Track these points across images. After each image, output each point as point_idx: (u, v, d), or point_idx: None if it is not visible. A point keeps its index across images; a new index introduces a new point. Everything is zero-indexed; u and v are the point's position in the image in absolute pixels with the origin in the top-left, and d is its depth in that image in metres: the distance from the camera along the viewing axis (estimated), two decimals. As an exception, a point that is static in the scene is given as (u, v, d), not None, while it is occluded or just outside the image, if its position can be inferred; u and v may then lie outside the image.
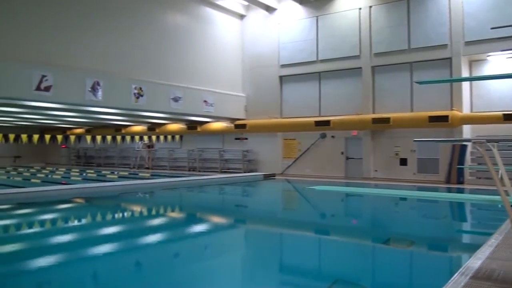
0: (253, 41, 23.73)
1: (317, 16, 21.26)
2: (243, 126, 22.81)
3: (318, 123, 20.19)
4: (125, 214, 11.92)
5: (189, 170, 24.75)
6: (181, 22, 21.05)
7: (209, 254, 7.06)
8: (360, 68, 19.91)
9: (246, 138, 23.66)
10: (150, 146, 27.40)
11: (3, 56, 14.30)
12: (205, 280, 5.59)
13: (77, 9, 16.79)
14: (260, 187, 18.64)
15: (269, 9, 22.83)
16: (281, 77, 22.67)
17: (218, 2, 22.42)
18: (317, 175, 20.37)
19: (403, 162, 18.97)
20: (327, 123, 19.89)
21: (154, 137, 25.99)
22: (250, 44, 23.87)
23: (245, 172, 22.22)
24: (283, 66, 22.43)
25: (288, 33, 22.27)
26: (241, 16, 24.09)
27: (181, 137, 26.15)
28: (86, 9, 17.08)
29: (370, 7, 19.64)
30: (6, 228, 9.31)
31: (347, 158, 20.42)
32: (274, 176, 20.57)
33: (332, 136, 20.74)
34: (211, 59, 22.20)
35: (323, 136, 20.87)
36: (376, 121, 18.72)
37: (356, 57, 20.00)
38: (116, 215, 11.39)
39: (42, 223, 10.30)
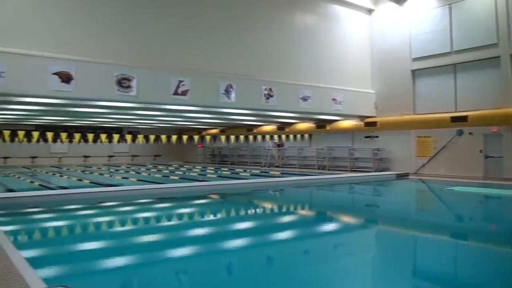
0: (382, 35, 23.05)
1: (450, 4, 19.98)
2: (374, 124, 22.28)
3: (454, 119, 18.98)
4: (257, 210, 12.29)
5: (318, 169, 24.77)
6: (309, 21, 21.18)
7: (339, 253, 7.02)
8: (499, 57, 18.35)
9: (377, 136, 23.06)
10: (280, 145, 27.91)
11: (146, 65, 15.56)
12: (334, 280, 5.56)
13: (210, 18, 17.70)
14: (393, 187, 18.01)
15: (399, 0, 22.01)
16: (413, 71, 21.73)
17: (346, -1, 22.21)
18: (453, 175, 19.08)
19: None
20: (464, 118, 18.60)
21: (284, 136, 26.45)
22: (379, 38, 23.22)
23: (376, 171, 21.68)
24: (415, 59, 21.44)
25: (419, 24, 21.23)
26: (369, 11, 23.55)
27: (310, 135, 26.27)
28: (218, 17, 17.95)
29: (507, -12, 17.97)
30: (147, 220, 10.10)
31: (486, 157, 18.87)
32: (407, 176, 19.72)
33: (470, 133, 19.32)
34: (339, 56, 22.02)
35: (460, 133, 19.55)
36: (518, 115, 17.11)
37: (494, 45, 18.39)
38: (248, 211, 11.79)
39: (180, 216, 11.02)
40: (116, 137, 21.19)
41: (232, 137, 24.60)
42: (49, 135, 18.40)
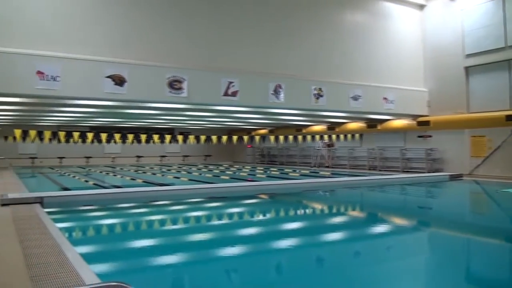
0: (434, 31, 22.34)
1: (504, -4, 19.14)
2: (427, 123, 21.67)
3: (509, 118, 18.15)
4: (306, 211, 12.22)
5: (369, 169, 24.37)
6: (359, 19, 20.86)
7: (391, 255, 6.87)
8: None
9: (430, 136, 22.43)
10: (330, 145, 27.66)
11: (197, 67, 15.79)
12: (386, 282, 5.45)
13: (260, 18, 17.76)
14: (446, 188, 17.44)
15: (451, -5, 21.36)
16: (466, 68, 20.98)
17: (396, -5, 21.75)
18: (509, 176, 18.14)
19: None
20: (519, 117, 17.77)
21: (334, 136, 26.18)
22: (431, 35, 22.54)
23: (429, 172, 21.10)
24: (469, 56, 20.67)
25: (472, 19, 20.38)
26: (421, 7, 22.92)
27: (361, 135, 25.88)
28: (267, 17, 17.98)
29: None
30: (198, 218, 10.23)
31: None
32: (461, 177, 19.06)
33: (526, 132, 18.41)
34: (390, 54, 21.55)
35: (516, 132, 18.66)
36: None
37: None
38: (298, 212, 11.74)
39: (230, 215, 11.10)
40: (168, 137, 21.59)
41: (281, 137, 24.58)
42: (103, 136, 18.94)
